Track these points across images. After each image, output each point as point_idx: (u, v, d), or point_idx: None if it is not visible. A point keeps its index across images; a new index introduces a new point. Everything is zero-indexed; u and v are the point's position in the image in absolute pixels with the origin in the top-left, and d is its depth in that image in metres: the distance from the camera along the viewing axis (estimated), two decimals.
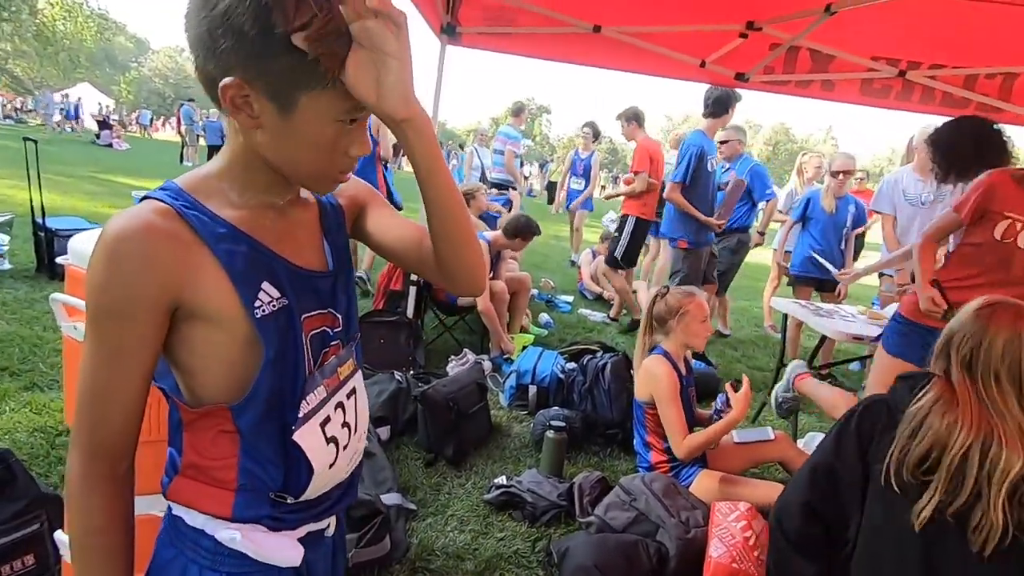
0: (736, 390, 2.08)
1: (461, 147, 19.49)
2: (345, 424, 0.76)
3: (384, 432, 2.43)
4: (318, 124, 0.61)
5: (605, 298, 5.59)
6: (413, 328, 3.35)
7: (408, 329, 3.30)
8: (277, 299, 0.66)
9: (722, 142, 4.38)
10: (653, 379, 2.15)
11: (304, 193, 0.76)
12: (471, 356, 3.30)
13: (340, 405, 0.75)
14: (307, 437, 0.70)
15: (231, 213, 0.65)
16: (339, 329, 0.75)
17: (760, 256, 8.17)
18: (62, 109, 22.66)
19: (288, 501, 0.71)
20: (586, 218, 7.61)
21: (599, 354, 3.08)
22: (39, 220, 3.95)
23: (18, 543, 1.41)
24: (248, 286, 0.64)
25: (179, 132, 16.20)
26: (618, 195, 5.18)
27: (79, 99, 25.01)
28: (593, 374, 2.84)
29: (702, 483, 2.09)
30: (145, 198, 0.63)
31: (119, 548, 0.67)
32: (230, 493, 0.68)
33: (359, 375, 0.81)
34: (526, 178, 18.85)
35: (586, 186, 7.07)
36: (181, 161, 15.08)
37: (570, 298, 5.49)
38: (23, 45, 27.29)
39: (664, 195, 3.89)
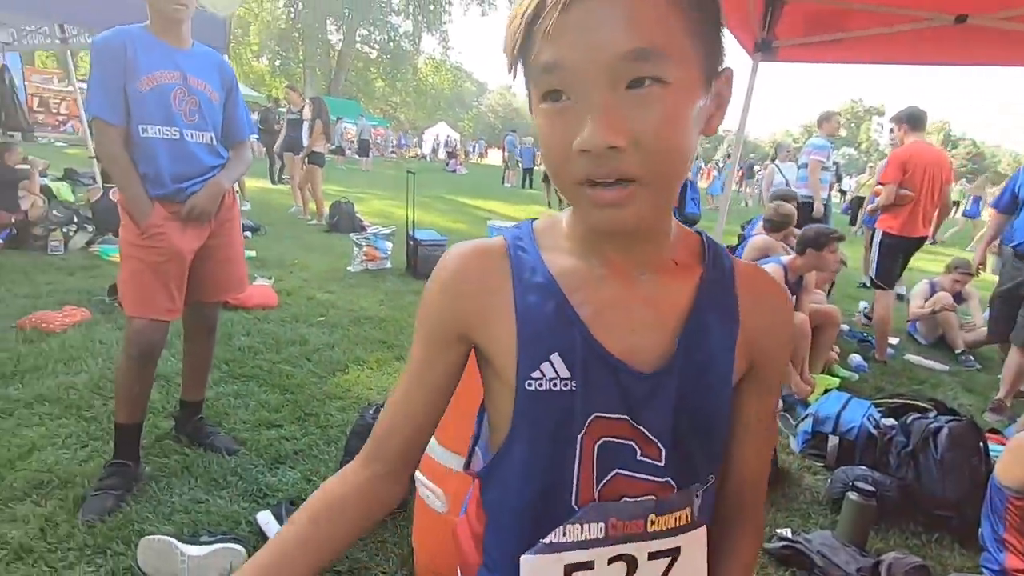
0: None
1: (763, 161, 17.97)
2: None
3: None
4: (535, 112, 0.50)
5: (948, 342, 4.49)
6: None
7: None
8: (563, 379, 0.53)
9: None
10: None
11: (688, 258, 0.58)
12: None
13: (629, 562, 0.55)
14: (537, 570, 0.55)
15: (559, 260, 0.56)
16: (660, 463, 0.55)
17: None
18: (435, 146, 29.50)
19: None
20: None
21: (931, 414, 2.51)
22: (410, 232, 5.24)
23: None
24: (533, 352, 0.53)
25: (504, 158, 19.18)
26: (874, 209, 4.50)
27: (447, 136, 32.08)
28: (921, 437, 2.34)
29: None
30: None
31: (315, 539, 0.59)
32: (477, 565, 0.64)
33: (697, 536, 0.58)
34: (843, 192, 16.26)
35: None
36: (503, 183, 17.79)
37: (895, 339, 4.55)
38: (407, 97, 36.20)
39: None
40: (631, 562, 0.55)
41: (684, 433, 0.55)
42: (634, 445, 0.54)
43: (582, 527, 0.54)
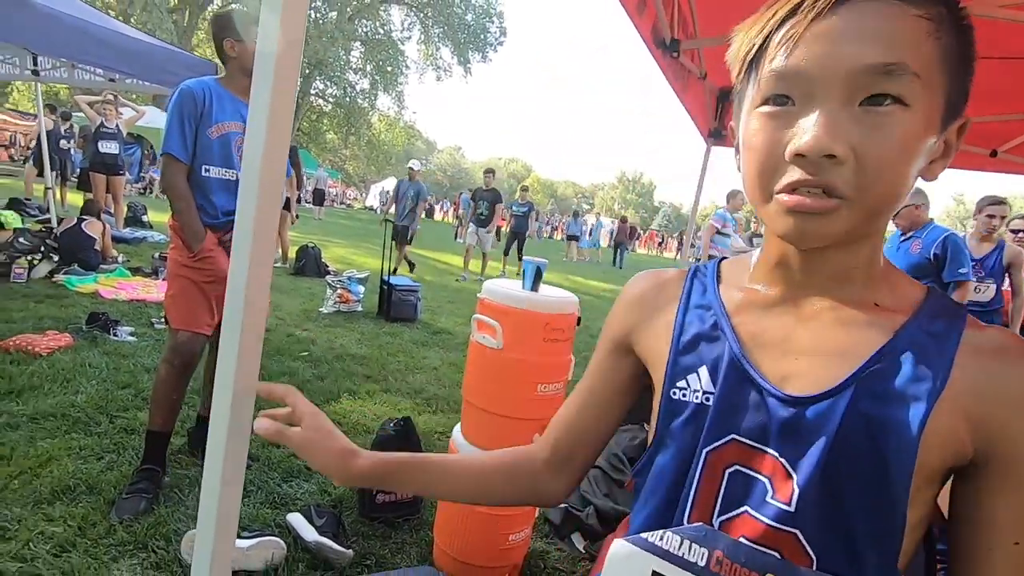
0: None
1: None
2: None
3: None
4: (747, 116, 0.49)
5: None
6: None
7: None
8: (705, 392, 0.52)
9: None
10: None
11: (895, 304, 0.50)
12: None
13: None
14: (624, 559, 0.52)
15: (734, 287, 0.57)
16: (789, 507, 0.46)
17: None
18: (383, 199, 29.96)
19: None
20: None
21: None
22: (385, 277, 5.47)
23: None
24: (683, 363, 0.55)
25: (457, 215, 19.77)
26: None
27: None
28: None
29: None
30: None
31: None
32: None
33: None
34: None
35: None
36: (455, 238, 18.26)
37: None
38: (358, 151, 36.74)
39: None
40: None
41: (840, 486, 0.45)
42: (768, 484, 0.48)
43: (683, 542, 0.49)
